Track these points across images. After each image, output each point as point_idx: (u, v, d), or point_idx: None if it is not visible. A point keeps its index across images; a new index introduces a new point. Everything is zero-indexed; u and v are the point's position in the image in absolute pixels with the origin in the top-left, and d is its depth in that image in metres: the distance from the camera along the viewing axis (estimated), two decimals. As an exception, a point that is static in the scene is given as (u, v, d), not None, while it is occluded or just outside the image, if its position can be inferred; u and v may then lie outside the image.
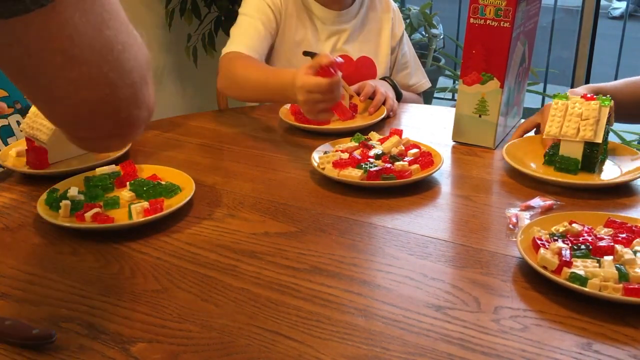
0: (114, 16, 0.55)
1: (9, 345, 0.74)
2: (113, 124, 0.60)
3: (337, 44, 1.64)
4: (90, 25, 0.52)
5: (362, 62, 1.67)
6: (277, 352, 0.73)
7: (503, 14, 1.22)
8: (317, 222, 1.03)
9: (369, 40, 1.68)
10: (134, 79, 0.59)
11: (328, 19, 1.62)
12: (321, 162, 1.20)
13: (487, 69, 1.27)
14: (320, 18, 1.62)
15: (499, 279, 0.87)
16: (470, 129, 1.33)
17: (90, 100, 0.57)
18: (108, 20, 0.54)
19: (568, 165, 1.16)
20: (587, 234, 0.92)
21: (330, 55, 1.26)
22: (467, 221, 1.03)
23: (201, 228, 1.02)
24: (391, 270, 0.90)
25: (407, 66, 1.76)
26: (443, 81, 3.70)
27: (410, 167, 1.16)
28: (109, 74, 0.56)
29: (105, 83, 0.56)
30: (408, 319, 0.79)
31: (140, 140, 1.37)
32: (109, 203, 1.05)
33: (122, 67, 0.57)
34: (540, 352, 0.73)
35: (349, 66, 1.65)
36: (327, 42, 1.63)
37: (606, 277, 0.81)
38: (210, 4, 2.67)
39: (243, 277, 0.88)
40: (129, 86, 0.58)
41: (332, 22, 1.63)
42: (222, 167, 1.26)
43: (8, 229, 1.03)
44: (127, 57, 0.57)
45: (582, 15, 2.75)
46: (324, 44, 1.63)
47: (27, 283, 0.88)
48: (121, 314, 0.81)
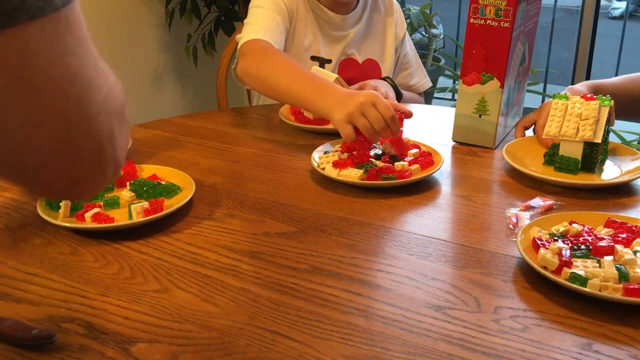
0: (81, 44, 0.46)
1: (9, 345, 0.74)
2: (65, 180, 0.49)
3: (344, 48, 1.63)
4: (49, 43, 0.43)
5: (367, 65, 1.67)
6: (277, 352, 0.73)
7: (503, 14, 1.22)
8: (317, 222, 1.03)
9: (373, 43, 1.68)
10: (99, 128, 0.47)
11: (335, 24, 1.62)
12: (321, 162, 1.20)
13: (487, 69, 1.27)
14: (328, 23, 1.62)
15: (499, 279, 0.87)
16: (470, 129, 1.33)
17: (38, 141, 0.45)
18: (73, 46, 0.45)
19: (568, 165, 1.16)
20: (587, 234, 0.92)
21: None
22: (467, 221, 1.03)
23: (201, 228, 1.02)
24: (391, 270, 0.90)
25: (409, 66, 1.76)
26: (443, 81, 3.70)
27: (411, 167, 1.16)
28: (66, 112, 0.45)
29: (60, 122, 0.45)
30: (408, 319, 0.79)
31: (140, 140, 1.37)
32: (109, 203, 1.05)
33: (84, 109, 0.46)
34: (540, 352, 0.73)
35: (355, 69, 1.65)
36: (334, 46, 1.63)
37: (606, 277, 0.81)
38: (210, 4, 2.66)
39: (243, 277, 0.88)
40: (90, 135, 0.47)
41: (339, 26, 1.62)
42: (222, 167, 1.26)
43: (8, 229, 1.03)
44: (93, 98, 0.46)
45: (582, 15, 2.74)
46: (332, 49, 1.63)
47: (27, 283, 0.88)
48: (121, 314, 0.81)
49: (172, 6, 2.63)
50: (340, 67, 1.64)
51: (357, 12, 1.65)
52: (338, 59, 1.63)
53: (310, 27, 1.61)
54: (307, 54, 1.59)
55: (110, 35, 2.52)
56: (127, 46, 2.61)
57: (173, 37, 2.75)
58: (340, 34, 1.63)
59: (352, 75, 1.62)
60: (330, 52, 1.63)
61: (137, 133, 1.41)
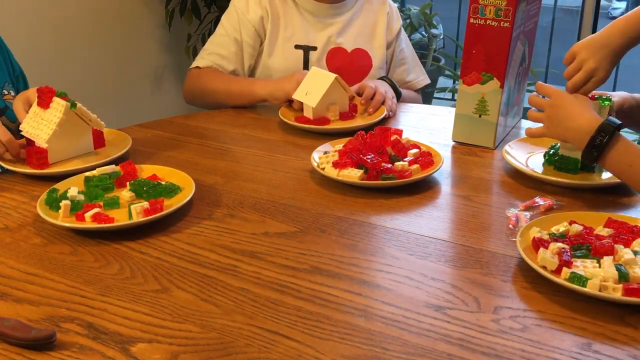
0: None
1: (9, 345, 0.74)
2: None
3: (331, 36, 1.65)
4: None
5: (356, 54, 1.68)
6: (277, 352, 0.73)
7: (503, 14, 1.22)
8: (317, 222, 1.03)
9: (363, 33, 1.69)
10: None
11: (320, 12, 1.64)
12: (321, 162, 1.20)
13: (487, 69, 1.27)
14: (309, 11, 1.64)
15: (499, 279, 0.87)
16: (470, 129, 1.33)
17: None
18: None
19: (568, 165, 1.16)
20: (587, 234, 0.92)
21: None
22: (467, 221, 1.03)
23: (201, 228, 1.02)
24: (391, 270, 0.90)
25: (405, 62, 1.76)
26: (443, 81, 3.70)
27: (410, 167, 1.16)
28: None
29: None
30: (408, 319, 0.79)
31: (140, 140, 1.37)
32: (109, 203, 1.05)
33: None
34: (540, 352, 0.73)
35: (344, 58, 1.66)
36: (320, 34, 1.65)
37: (606, 277, 0.81)
38: (210, 4, 2.66)
39: (243, 277, 0.88)
40: None
41: (324, 14, 1.64)
42: (222, 167, 1.26)
43: (8, 229, 1.03)
44: None
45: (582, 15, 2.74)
46: (317, 36, 1.64)
47: (27, 283, 0.88)
48: (121, 314, 0.81)
49: (172, 6, 2.63)
50: (329, 56, 1.65)
51: (347, 2, 1.66)
52: (324, 46, 1.64)
53: (289, 18, 1.63)
54: (290, 44, 1.62)
55: (110, 35, 2.52)
56: (127, 46, 2.61)
57: (173, 37, 2.75)
58: (327, 21, 1.64)
59: (340, 64, 1.63)
60: (315, 39, 1.64)
61: (137, 133, 1.41)
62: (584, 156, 1.04)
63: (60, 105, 1.18)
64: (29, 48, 2.10)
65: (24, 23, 2.21)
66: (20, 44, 1.61)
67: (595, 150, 1.02)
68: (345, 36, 1.66)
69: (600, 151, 1.02)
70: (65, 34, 2.36)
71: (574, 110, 1.08)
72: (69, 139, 1.22)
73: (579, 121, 1.06)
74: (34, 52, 2.17)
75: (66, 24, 2.36)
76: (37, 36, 2.25)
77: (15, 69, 1.47)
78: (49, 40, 2.30)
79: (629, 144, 1.02)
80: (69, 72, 2.33)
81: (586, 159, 1.04)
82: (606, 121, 1.03)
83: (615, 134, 1.02)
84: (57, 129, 1.18)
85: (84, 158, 1.24)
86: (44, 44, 2.27)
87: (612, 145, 1.01)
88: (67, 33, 2.37)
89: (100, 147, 1.29)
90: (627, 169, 1.01)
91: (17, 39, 1.60)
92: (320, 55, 1.64)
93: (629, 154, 1.02)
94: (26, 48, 1.95)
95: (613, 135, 1.01)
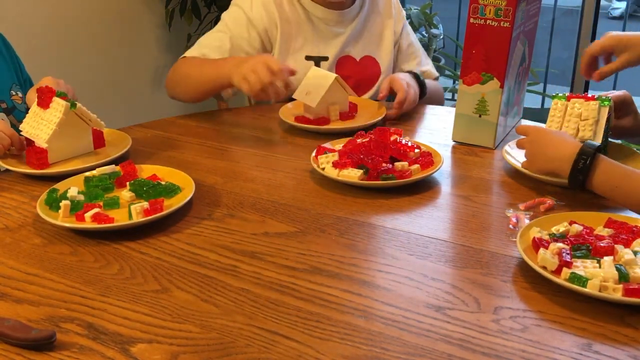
0: None
1: (9, 345, 0.74)
2: None
3: (340, 46, 1.63)
4: None
5: (365, 62, 1.67)
6: (277, 352, 0.73)
7: (503, 14, 1.22)
8: (317, 222, 1.03)
9: (371, 41, 1.68)
10: None
11: (330, 20, 1.62)
12: (321, 162, 1.19)
13: (487, 69, 1.27)
14: (322, 19, 1.62)
15: (499, 279, 0.87)
16: (470, 129, 1.33)
17: None
18: None
19: (568, 166, 1.16)
20: (587, 234, 0.92)
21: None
22: (467, 221, 1.03)
23: (201, 228, 1.02)
24: (391, 271, 0.90)
25: (416, 55, 1.75)
26: (443, 81, 3.69)
27: (410, 167, 1.16)
28: None
29: None
30: (408, 319, 0.79)
31: (140, 140, 1.37)
32: (109, 203, 1.05)
33: None
34: (540, 353, 0.73)
35: (353, 67, 1.65)
36: (329, 44, 1.63)
37: (606, 277, 0.81)
38: (210, 4, 2.66)
39: (243, 277, 0.88)
40: None
41: (334, 23, 1.62)
42: (222, 167, 1.26)
43: (8, 229, 1.03)
44: None
45: (582, 15, 2.74)
46: (327, 47, 1.63)
47: (27, 283, 0.88)
48: (121, 314, 0.81)
49: (172, 6, 2.63)
50: (338, 65, 1.64)
51: (353, 9, 1.65)
52: (335, 56, 1.63)
53: (300, 27, 1.61)
54: (301, 54, 1.60)
55: (110, 35, 2.52)
56: (127, 46, 2.61)
57: (173, 37, 2.75)
58: (337, 30, 1.63)
59: (350, 72, 1.62)
60: (326, 49, 1.63)
61: (137, 133, 1.41)
62: (570, 183, 1.04)
63: (60, 105, 1.18)
64: (29, 48, 2.10)
65: (24, 23, 2.21)
66: (21, 44, 1.61)
67: (579, 174, 1.02)
68: (353, 45, 1.65)
69: (585, 175, 1.02)
70: (65, 34, 2.36)
71: (553, 139, 1.09)
72: (68, 139, 1.22)
73: (560, 149, 1.07)
74: (34, 52, 2.17)
75: (66, 24, 2.36)
76: (37, 36, 2.25)
77: (24, 74, 1.49)
78: (49, 40, 2.30)
79: (612, 165, 1.02)
80: (69, 72, 2.32)
81: (573, 184, 1.04)
82: (585, 144, 1.04)
83: (597, 156, 1.02)
84: (57, 129, 1.18)
85: (84, 158, 1.24)
86: (44, 44, 2.27)
87: (595, 167, 1.02)
88: (67, 33, 2.37)
89: (100, 147, 1.29)
90: (614, 190, 1.02)
91: (17, 39, 1.60)
92: (330, 66, 1.62)
93: (613, 176, 1.02)
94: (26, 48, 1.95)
95: (594, 157, 1.01)
